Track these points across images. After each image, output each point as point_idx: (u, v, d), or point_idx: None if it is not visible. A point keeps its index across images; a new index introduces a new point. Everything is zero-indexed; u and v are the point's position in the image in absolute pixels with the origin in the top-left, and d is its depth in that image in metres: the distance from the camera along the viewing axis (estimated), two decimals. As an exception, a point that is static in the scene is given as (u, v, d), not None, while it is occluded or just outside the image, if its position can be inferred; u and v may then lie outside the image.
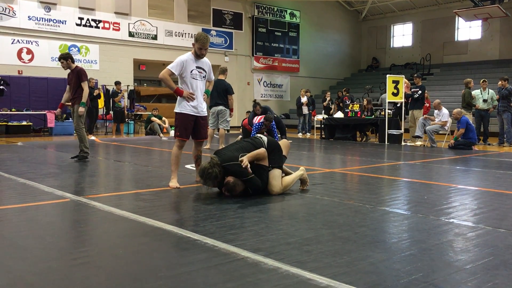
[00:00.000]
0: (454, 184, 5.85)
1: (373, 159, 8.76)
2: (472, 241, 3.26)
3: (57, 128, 15.55)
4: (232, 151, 4.78)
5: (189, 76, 5.33)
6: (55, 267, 2.66)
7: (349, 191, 5.44)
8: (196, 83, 5.39)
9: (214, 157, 4.66)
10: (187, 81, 5.34)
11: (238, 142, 5.04)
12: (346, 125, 14.17)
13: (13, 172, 6.41)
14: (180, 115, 5.40)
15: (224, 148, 5.02)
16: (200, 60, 5.41)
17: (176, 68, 5.27)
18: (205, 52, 5.41)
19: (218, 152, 4.88)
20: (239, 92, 21.97)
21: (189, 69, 5.32)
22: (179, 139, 5.43)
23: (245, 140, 5.07)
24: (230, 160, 4.63)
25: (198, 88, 5.42)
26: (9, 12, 15.77)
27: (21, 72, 16.10)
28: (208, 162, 4.57)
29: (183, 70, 5.30)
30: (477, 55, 23.15)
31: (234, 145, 4.97)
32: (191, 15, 20.41)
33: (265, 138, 5.06)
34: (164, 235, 3.34)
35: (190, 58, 5.35)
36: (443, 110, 11.98)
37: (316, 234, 3.37)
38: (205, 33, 5.48)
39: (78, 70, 8.02)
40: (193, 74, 5.35)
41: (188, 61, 5.32)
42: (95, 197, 4.75)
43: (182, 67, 5.29)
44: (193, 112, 5.40)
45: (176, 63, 5.29)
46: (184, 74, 5.32)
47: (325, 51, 25.97)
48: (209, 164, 4.54)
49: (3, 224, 3.71)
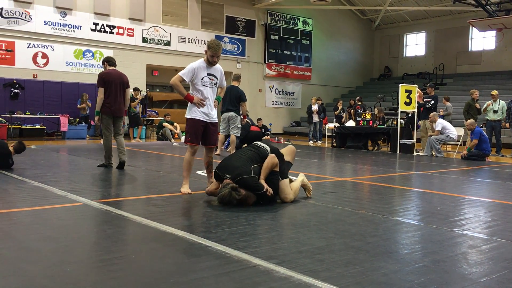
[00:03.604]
0: (467, 195, 5.78)
1: (384, 169, 8.70)
2: (487, 254, 3.22)
3: (70, 132, 15.68)
4: (243, 163, 4.69)
5: (200, 84, 5.34)
6: (68, 270, 2.67)
7: (361, 200, 5.41)
8: (207, 90, 5.39)
9: (230, 181, 4.55)
10: (198, 88, 5.35)
11: (243, 152, 4.94)
12: (357, 133, 14.10)
13: (26, 175, 6.47)
14: (191, 121, 5.40)
15: (231, 159, 4.88)
16: (212, 67, 5.42)
17: (188, 75, 5.28)
18: (217, 60, 5.41)
19: (227, 166, 4.75)
20: (250, 98, 21.94)
21: (200, 76, 5.32)
22: (190, 145, 5.44)
23: (250, 150, 4.97)
24: (244, 173, 4.58)
25: (209, 95, 5.42)
26: (25, 17, 15.99)
27: (36, 76, 16.29)
28: (227, 189, 4.46)
29: (194, 77, 5.31)
30: (491, 65, 22.96)
31: (241, 156, 4.86)
32: (204, 22, 20.53)
33: (267, 147, 4.98)
34: (175, 241, 3.35)
35: (202, 65, 5.36)
36: (438, 120, 11.91)
37: (328, 243, 3.36)
38: (218, 41, 5.49)
39: (98, 74, 7.57)
40: (204, 81, 5.35)
41: (199, 68, 5.33)
42: (108, 201, 4.77)
43: (193, 74, 5.30)
44: (203, 118, 5.41)
45: (187, 70, 5.30)
46: (195, 81, 5.33)
47: (337, 59, 25.94)
48: (227, 191, 4.45)
49: (16, 227, 3.74)
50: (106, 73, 7.51)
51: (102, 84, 7.39)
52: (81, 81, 17.03)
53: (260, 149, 4.93)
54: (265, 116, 20.96)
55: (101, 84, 7.40)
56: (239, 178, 4.55)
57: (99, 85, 7.41)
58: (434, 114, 12.06)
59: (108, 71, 7.58)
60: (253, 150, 4.93)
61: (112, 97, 7.46)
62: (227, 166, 4.76)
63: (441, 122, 11.83)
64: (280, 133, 22.27)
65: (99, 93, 7.38)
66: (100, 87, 7.39)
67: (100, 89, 7.39)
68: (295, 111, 24.11)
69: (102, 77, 7.44)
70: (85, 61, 17.33)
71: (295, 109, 24.12)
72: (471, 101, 13.24)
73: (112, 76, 7.51)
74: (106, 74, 7.48)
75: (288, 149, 5.31)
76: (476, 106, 13.09)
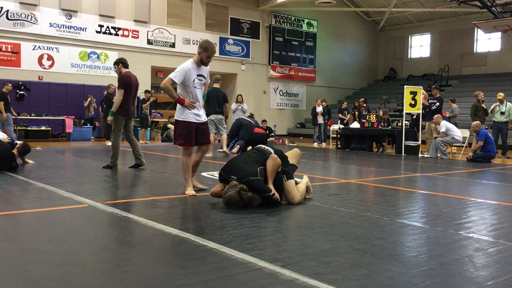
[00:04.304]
0: (473, 197, 5.76)
1: (389, 170, 8.68)
2: (493, 257, 3.20)
3: (75, 134, 15.74)
4: (249, 164, 4.69)
5: (192, 85, 5.31)
6: (74, 272, 2.68)
7: (366, 202, 5.39)
8: (197, 92, 5.38)
9: (236, 183, 4.54)
10: (188, 89, 5.31)
11: (248, 155, 4.95)
12: (362, 135, 14.08)
13: (32, 177, 6.49)
14: (183, 123, 5.35)
15: (237, 161, 4.87)
16: (201, 68, 5.40)
17: (179, 77, 5.22)
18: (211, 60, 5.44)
19: (233, 168, 4.74)
20: (255, 100, 22.02)
21: (192, 78, 5.29)
22: (185, 147, 5.42)
23: (255, 152, 4.97)
24: (251, 175, 4.57)
25: (199, 96, 5.43)
26: (31, 19, 16.06)
27: (41, 78, 16.36)
28: (235, 190, 4.44)
29: (186, 79, 5.27)
30: (496, 67, 22.89)
31: (246, 158, 4.86)
32: (209, 24, 20.57)
33: (271, 149, 4.99)
34: (181, 243, 3.35)
35: (193, 67, 5.32)
36: (442, 122, 11.87)
37: (333, 245, 3.35)
38: (211, 42, 5.51)
39: (120, 76, 7.54)
40: (195, 83, 5.33)
41: (191, 70, 5.29)
42: (113, 203, 4.78)
43: (185, 77, 5.25)
44: (195, 120, 5.39)
45: (179, 73, 5.23)
46: (186, 83, 5.29)
47: (342, 60, 25.92)
48: (235, 192, 4.43)
49: (22, 228, 3.75)
50: (127, 76, 7.56)
51: (124, 86, 7.43)
52: (86, 83, 17.09)
53: (265, 151, 4.94)
54: (270, 118, 20.95)
55: (123, 86, 7.42)
56: (246, 180, 4.55)
57: (122, 87, 7.41)
58: (438, 116, 12.02)
59: (128, 74, 7.62)
60: (257, 153, 4.93)
61: (131, 99, 7.60)
62: (233, 168, 4.75)
63: (445, 124, 11.79)
64: (285, 135, 22.25)
65: (119, 94, 7.40)
66: (121, 89, 7.41)
67: (121, 91, 7.41)
68: (299, 112, 24.09)
69: (124, 79, 7.46)
70: (90, 63, 17.40)
71: (299, 110, 24.10)
72: (477, 103, 13.19)
73: (132, 79, 7.61)
74: (127, 77, 7.53)
75: (293, 152, 5.30)
76: (483, 106, 13.04)
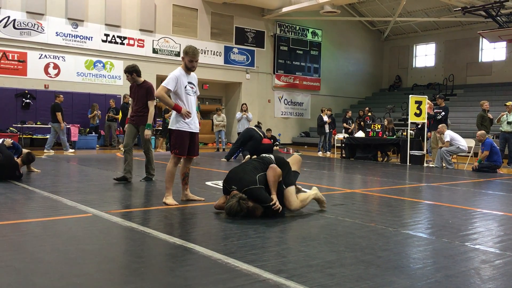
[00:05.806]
0: (479, 208, 5.72)
1: (394, 180, 8.64)
2: (500, 269, 3.17)
3: (80, 142, 15.78)
4: (248, 173, 4.68)
5: (184, 92, 5.29)
6: (78, 283, 2.67)
7: (371, 213, 5.36)
8: (190, 99, 5.36)
9: (237, 192, 4.54)
10: (182, 97, 5.29)
11: (248, 163, 4.93)
12: (367, 144, 14.05)
13: (36, 186, 6.50)
14: (178, 133, 5.32)
15: (236, 171, 4.84)
16: (190, 75, 5.38)
17: (172, 84, 5.21)
18: (196, 65, 5.35)
19: (232, 178, 4.73)
20: (259, 109, 22.04)
21: (183, 84, 5.28)
22: (176, 156, 5.39)
23: (254, 160, 4.97)
24: (250, 184, 4.57)
25: (193, 104, 5.40)
26: (37, 28, 16.19)
27: (47, 87, 16.45)
28: (235, 200, 4.43)
29: (178, 86, 5.25)
30: (501, 76, 22.83)
31: (245, 167, 4.85)
32: (214, 33, 20.66)
33: (273, 157, 4.98)
34: (185, 253, 3.33)
35: (182, 74, 5.31)
36: (446, 132, 11.82)
37: (338, 257, 3.32)
38: (193, 46, 5.41)
39: (148, 86, 7.16)
40: (187, 90, 5.31)
41: (180, 77, 5.28)
42: (117, 212, 4.77)
43: (177, 83, 5.24)
44: (190, 129, 5.37)
45: (170, 79, 5.22)
46: (179, 90, 5.27)
47: (347, 70, 25.94)
48: (235, 202, 4.42)
49: (26, 238, 3.75)
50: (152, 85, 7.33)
51: (153, 97, 7.10)
52: (92, 92, 17.17)
53: (264, 158, 4.94)
54: (274, 127, 20.94)
55: (153, 97, 7.08)
56: (246, 189, 4.54)
57: (153, 98, 7.09)
58: (442, 126, 11.98)
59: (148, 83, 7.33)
60: (257, 160, 4.95)
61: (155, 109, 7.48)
62: (233, 178, 4.76)
63: (450, 133, 11.75)
64: (289, 144, 22.24)
65: (152, 106, 7.09)
66: (153, 100, 7.14)
67: (153, 101, 7.16)
68: (304, 121, 24.09)
69: (153, 89, 7.14)
70: (96, 72, 17.49)
71: (304, 119, 24.10)
72: (482, 112, 13.12)
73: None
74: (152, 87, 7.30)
75: (293, 159, 5.29)
76: (489, 116, 12.99)
